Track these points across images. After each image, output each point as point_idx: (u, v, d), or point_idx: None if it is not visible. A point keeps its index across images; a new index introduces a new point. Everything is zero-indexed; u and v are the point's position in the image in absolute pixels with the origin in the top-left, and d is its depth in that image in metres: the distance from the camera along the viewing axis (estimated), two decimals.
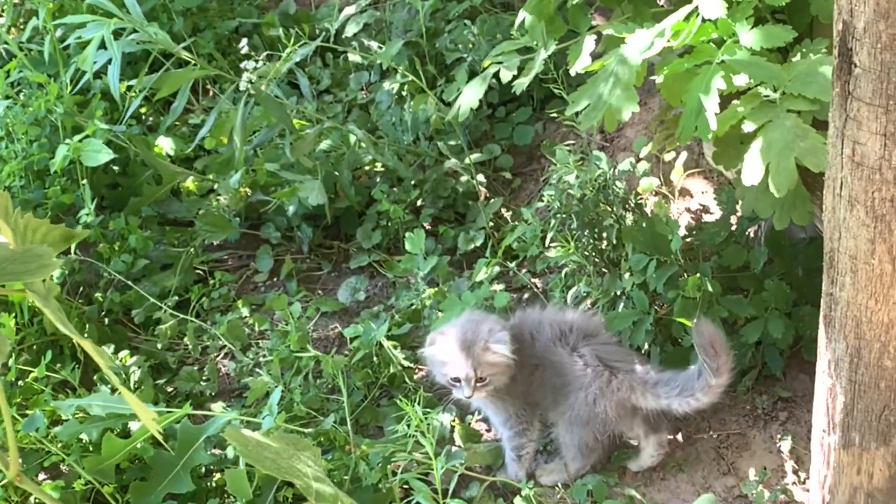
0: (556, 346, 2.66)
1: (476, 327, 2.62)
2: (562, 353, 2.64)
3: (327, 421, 2.77)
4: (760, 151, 2.20)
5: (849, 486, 2.15)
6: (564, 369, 2.63)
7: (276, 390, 2.79)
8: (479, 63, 3.67)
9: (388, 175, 3.73)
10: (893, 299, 1.88)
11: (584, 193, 2.81)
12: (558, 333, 2.67)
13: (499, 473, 2.75)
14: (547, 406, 2.68)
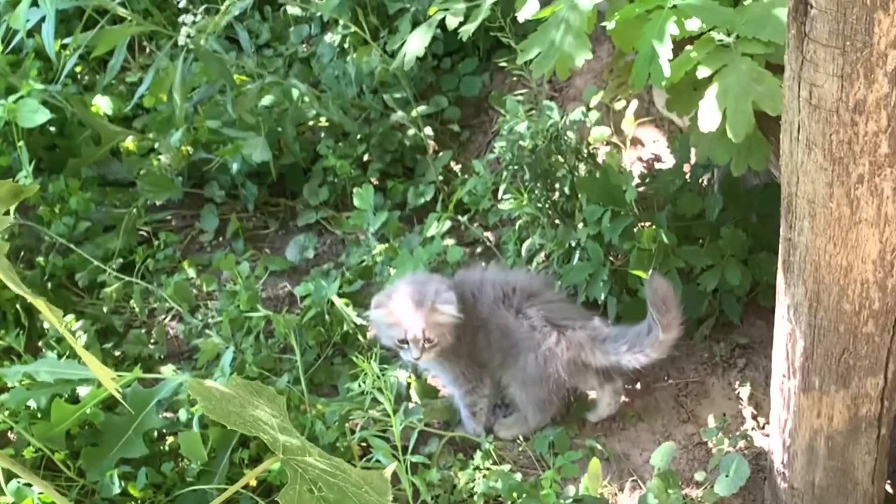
0: (500, 308, 2.66)
1: (422, 288, 2.61)
2: (506, 316, 2.64)
3: (281, 381, 2.76)
4: (717, 96, 2.20)
5: (809, 430, 2.18)
6: (510, 331, 2.63)
7: (227, 351, 2.78)
8: (423, 13, 3.64)
9: (333, 130, 3.70)
10: (851, 242, 1.89)
11: (535, 144, 2.80)
12: (500, 295, 2.67)
13: (457, 429, 2.76)
14: (496, 367, 2.69)
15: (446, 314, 2.58)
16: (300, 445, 1.21)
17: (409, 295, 2.60)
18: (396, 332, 2.59)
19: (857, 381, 2.07)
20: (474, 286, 2.70)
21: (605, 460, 2.61)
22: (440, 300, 2.58)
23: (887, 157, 1.80)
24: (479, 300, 2.67)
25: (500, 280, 2.70)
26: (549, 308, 2.63)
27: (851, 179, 1.83)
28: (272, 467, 2.47)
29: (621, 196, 2.70)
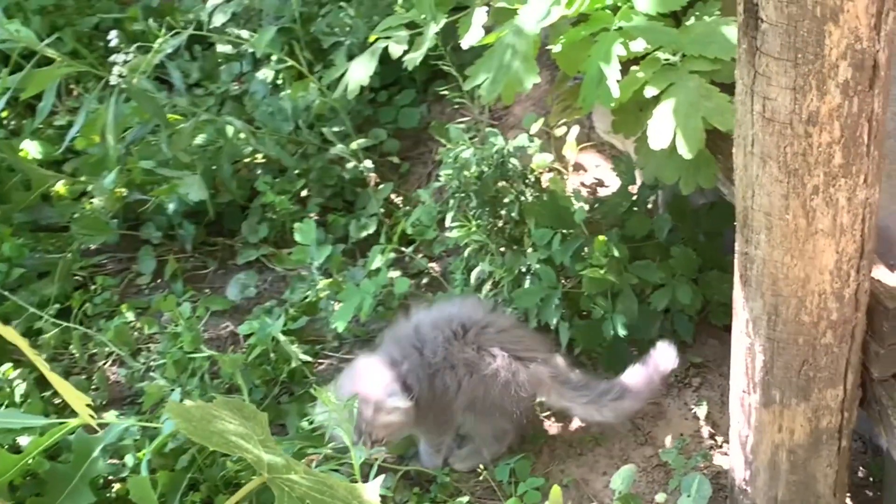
0: (453, 346, 2.61)
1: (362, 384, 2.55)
2: (463, 351, 2.60)
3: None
4: (667, 114, 2.24)
5: (770, 445, 2.20)
6: (470, 367, 2.61)
7: (174, 393, 2.74)
8: (359, 46, 3.66)
9: (270, 166, 3.69)
10: (808, 253, 1.93)
11: (482, 170, 2.82)
12: (450, 334, 2.62)
13: (411, 462, 2.75)
14: (464, 407, 2.66)
15: (394, 411, 2.54)
16: (285, 463, 1.19)
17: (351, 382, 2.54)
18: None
19: (817, 392, 2.10)
20: (417, 336, 2.64)
21: (564, 486, 2.61)
22: (386, 399, 2.53)
23: (841, 167, 1.84)
24: (427, 347, 2.62)
25: (444, 318, 2.66)
26: (507, 337, 2.62)
27: (807, 191, 1.86)
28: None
29: (570, 218, 2.72)
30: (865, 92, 1.78)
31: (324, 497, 1.16)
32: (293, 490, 1.15)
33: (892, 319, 2.09)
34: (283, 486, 1.15)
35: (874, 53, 1.74)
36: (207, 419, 1.17)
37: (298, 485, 1.16)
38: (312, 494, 1.15)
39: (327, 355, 3.12)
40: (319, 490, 1.17)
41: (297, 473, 1.19)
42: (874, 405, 2.18)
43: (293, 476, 1.17)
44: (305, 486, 1.17)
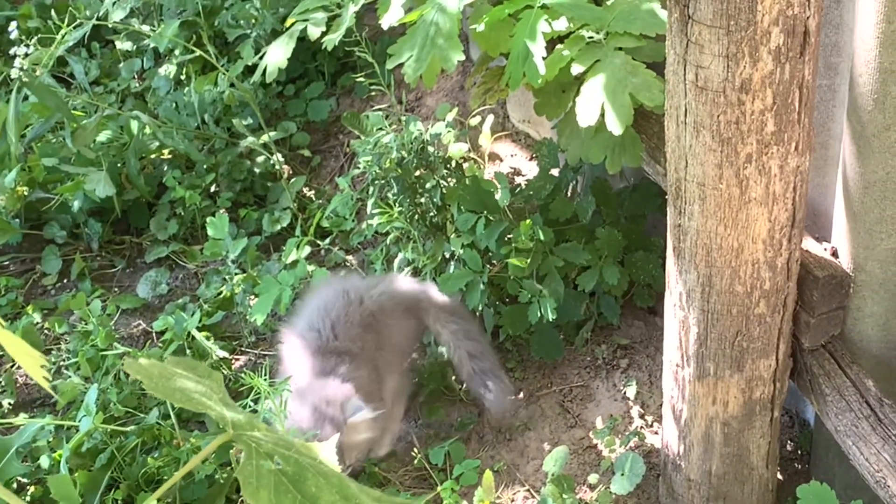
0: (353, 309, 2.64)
1: (324, 399, 2.47)
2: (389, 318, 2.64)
3: (150, 417, 2.68)
4: (596, 91, 2.25)
5: (704, 418, 2.23)
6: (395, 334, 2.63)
7: (90, 389, 2.68)
8: (265, 38, 3.64)
9: (178, 161, 3.64)
10: (742, 223, 1.95)
11: (402, 156, 2.81)
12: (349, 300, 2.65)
13: None
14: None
15: (363, 429, 2.48)
16: (248, 420, 1.17)
17: (311, 413, 2.45)
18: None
19: (750, 363, 2.13)
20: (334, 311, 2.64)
21: (495, 472, 2.61)
22: (351, 413, 2.45)
23: (773, 135, 1.86)
24: (341, 324, 2.63)
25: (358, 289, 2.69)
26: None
27: (740, 159, 1.89)
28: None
29: (493, 202, 2.73)
30: (797, 59, 1.81)
31: (291, 454, 1.14)
32: (260, 446, 1.12)
33: (821, 289, 2.13)
34: (249, 442, 1.12)
35: (805, 20, 1.78)
36: (167, 376, 1.14)
37: (265, 441, 1.14)
38: (280, 451, 1.13)
39: (245, 351, 3.08)
40: (284, 447, 1.15)
41: (261, 430, 1.17)
42: (805, 375, 2.21)
43: (257, 433, 1.15)
44: (272, 442, 1.14)
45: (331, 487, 1.13)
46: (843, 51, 2.13)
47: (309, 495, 1.11)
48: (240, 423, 1.15)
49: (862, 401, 2.12)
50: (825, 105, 2.22)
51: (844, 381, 2.16)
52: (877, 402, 2.10)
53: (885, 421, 2.06)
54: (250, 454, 1.11)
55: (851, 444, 2.08)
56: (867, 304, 2.19)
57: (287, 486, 1.11)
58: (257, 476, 1.10)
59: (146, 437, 2.65)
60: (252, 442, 1.12)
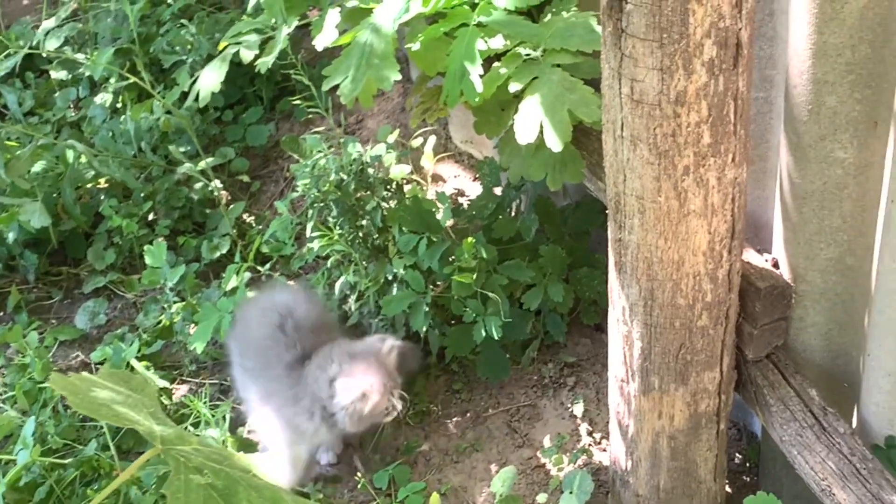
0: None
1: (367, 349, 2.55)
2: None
3: (88, 448, 2.67)
4: (533, 108, 2.28)
5: (651, 433, 2.25)
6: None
7: (28, 422, 2.66)
8: (201, 64, 3.64)
9: (115, 190, 3.63)
10: (682, 235, 1.98)
11: (341, 178, 2.82)
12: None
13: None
14: None
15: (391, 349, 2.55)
16: (178, 434, 1.17)
17: (367, 364, 2.51)
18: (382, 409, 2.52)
19: (695, 376, 2.16)
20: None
21: (442, 495, 2.62)
22: (385, 343, 2.55)
23: (710, 146, 1.89)
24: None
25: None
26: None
27: (678, 172, 1.91)
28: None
29: (435, 222, 2.74)
30: (730, 70, 1.84)
31: (222, 467, 1.14)
32: (190, 461, 1.13)
33: (763, 300, 2.16)
34: (178, 456, 1.13)
35: (737, 31, 1.81)
36: (94, 390, 1.14)
37: (195, 455, 1.14)
38: (210, 465, 1.13)
39: (185, 380, 3.07)
40: (216, 460, 1.15)
41: (192, 445, 1.17)
42: (749, 386, 2.25)
43: (187, 448, 1.15)
44: (202, 456, 1.15)
45: (263, 501, 1.13)
46: (778, 63, 2.17)
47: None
48: (169, 437, 1.15)
49: (806, 410, 2.15)
50: (763, 117, 2.26)
51: (788, 391, 2.20)
52: (820, 411, 2.13)
53: (829, 429, 2.10)
54: (179, 468, 1.11)
55: (797, 453, 2.11)
56: (809, 314, 2.23)
57: (217, 500, 1.11)
58: (185, 491, 1.10)
59: (85, 469, 2.63)
60: (181, 456, 1.13)
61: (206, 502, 1.11)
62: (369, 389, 2.47)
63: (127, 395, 1.17)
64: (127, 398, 1.16)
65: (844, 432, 2.09)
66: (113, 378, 1.20)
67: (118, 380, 1.20)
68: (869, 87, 1.95)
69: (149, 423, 1.14)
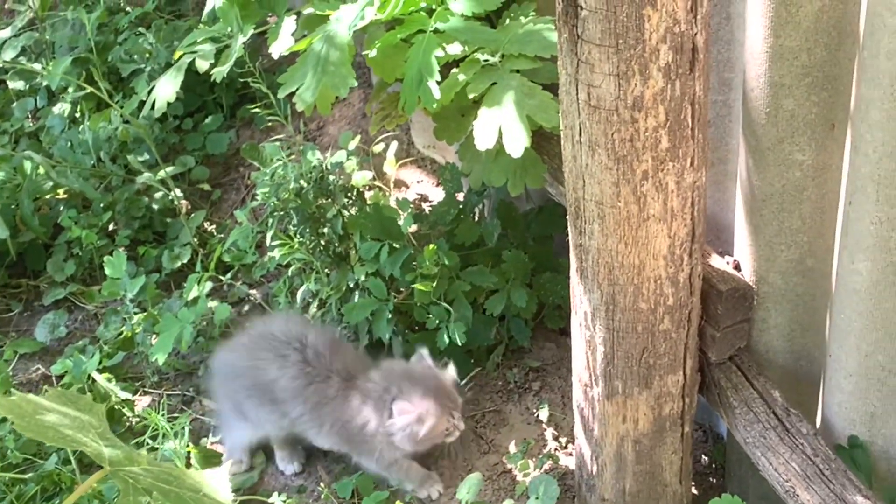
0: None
1: (422, 372, 2.57)
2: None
3: (49, 463, 2.66)
4: (492, 114, 2.28)
5: (616, 437, 2.27)
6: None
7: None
8: (160, 72, 3.63)
9: (74, 201, 3.61)
10: (642, 240, 1.99)
11: (300, 186, 2.81)
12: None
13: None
14: None
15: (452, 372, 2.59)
16: (127, 454, 1.17)
17: (424, 388, 2.54)
18: (442, 427, 2.54)
19: (658, 380, 2.17)
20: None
21: (407, 503, 2.62)
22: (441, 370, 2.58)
23: (668, 151, 1.90)
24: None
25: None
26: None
27: (637, 177, 1.93)
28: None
29: (397, 229, 2.75)
30: (686, 75, 1.85)
31: (171, 487, 1.14)
32: (138, 482, 1.12)
33: (725, 302, 2.18)
34: (126, 478, 1.12)
35: (692, 36, 1.82)
36: (40, 413, 1.14)
37: (143, 476, 1.14)
38: (159, 485, 1.13)
39: (148, 391, 3.06)
40: (166, 481, 1.15)
41: (140, 465, 1.17)
42: (713, 389, 2.26)
43: (136, 469, 1.15)
44: (151, 477, 1.14)
45: None
46: (735, 66, 2.19)
47: None
48: (117, 458, 1.15)
49: (769, 411, 2.17)
50: (722, 120, 2.28)
51: (751, 392, 2.22)
52: (783, 413, 2.15)
53: (792, 430, 2.12)
54: (127, 490, 1.11)
55: (760, 454, 2.13)
56: (771, 316, 2.25)
57: None
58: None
59: (46, 484, 2.63)
60: (129, 477, 1.12)
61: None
62: (425, 413, 2.51)
63: (74, 417, 1.17)
64: (74, 420, 1.16)
65: (808, 433, 2.11)
66: (60, 399, 1.19)
67: (65, 401, 1.20)
68: (825, 89, 1.97)
69: (96, 444, 1.14)
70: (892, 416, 2.08)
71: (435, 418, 2.51)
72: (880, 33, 1.72)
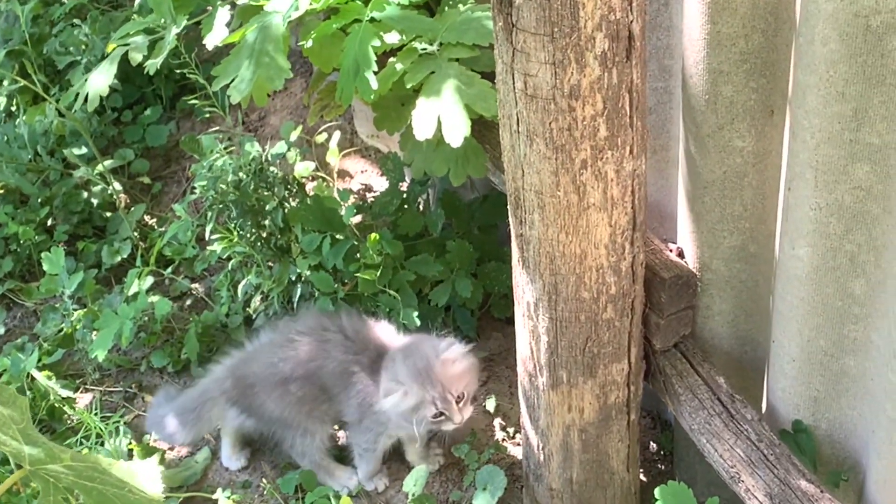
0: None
1: (419, 352, 2.49)
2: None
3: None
4: (430, 104, 2.28)
5: (561, 426, 2.27)
6: None
7: None
8: (96, 64, 3.59)
9: (10, 196, 3.57)
10: (583, 229, 1.99)
11: (239, 179, 2.80)
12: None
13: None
14: None
15: (459, 360, 2.48)
16: (49, 452, 1.15)
17: (413, 367, 2.46)
18: (426, 411, 2.46)
19: (602, 368, 2.18)
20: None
21: (354, 497, 2.62)
22: (444, 351, 2.47)
23: (607, 139, 1.91)
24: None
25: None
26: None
27: (575, 166, 1.92)
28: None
29: (338, 220, 2.74)
30: (623, 63, 1.85)
31: (94, 485, 1.12)
32: (59, 481, 1.11)
33: (668, 290, 2.19)
34: (47, 477, 1.11)
35: (628, 24, 1.82)
36: None
37: (65, 474, 1.12)
38: (81, 483, 1.12)
39: (89, 388, 3.04)
40: (89, 477, 1.13)
41: (63, 462, 1.15)
42: (658, 376, 2.28)
43: (58, 466, 1.13)
44: (73, 474, 1.13)
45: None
46: (675, 53, 2.20)
47: None
48: (37, 457, 1.13)
49: (714, 398, 2.19)
50: (662, 107, 2.29)
51: (696, 379, 2.23)
52: (728, 399, 2.17)
53: (736, 417, 2.13)
54: (47, 490, 1.10)
55: (706, 441, 2.15)
56: (715, 303, 2.27)
57: None
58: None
59: None
60: (50, 477, 1.11)
61: None
62: (407, 392, 2.45)
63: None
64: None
65: (752, 419, 2.13)
66: None
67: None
68: (763, 76, 1.98)
69: (16, 442, 1.12)
70: (835, 400, 2.10)
71: (415, 399, 2.44)
72: (815, 19, 1.73)
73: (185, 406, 2.74)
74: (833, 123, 1.78)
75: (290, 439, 2.64)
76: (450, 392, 2.44)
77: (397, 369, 2.47)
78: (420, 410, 2.45)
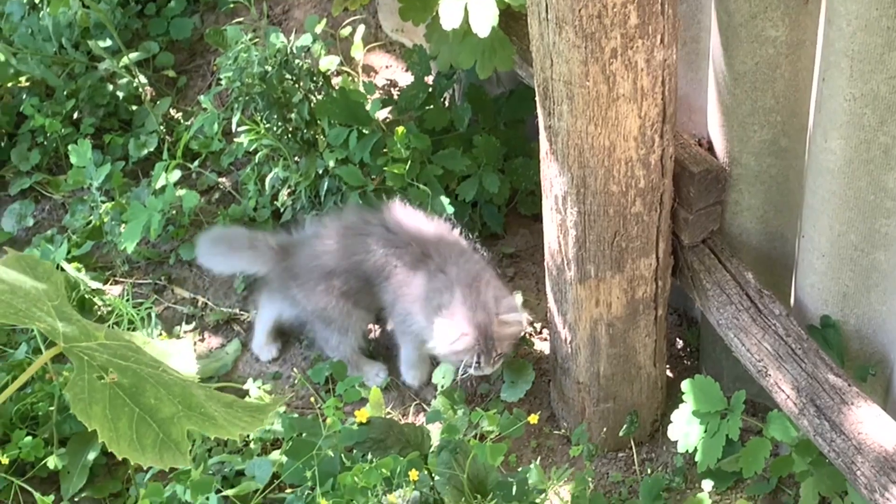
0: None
1: (481, 302, 2.47)
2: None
3: (19, 352, 2.66)
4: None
5: (589, 320, 2.27)
6: None
7: None
8: None
9: (36, 89, 3.56)
10: (612, 121, 1.97)
11: (265, 70, 2.77)
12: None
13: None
14: None
15: (514, 324, 2.49)
16: (83, 329, 1.14)
17: (473, 319, 2.45)
18: (469, 357, 2.47)
19: (630, 263, 2.17)
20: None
21: (384, 389, 2.64)
22: (503, 310, 2.47)
23: (637, 28, 1.87)
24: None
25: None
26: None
27: (605, 55, 1.90)
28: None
29: (364, 113, 2.72)
30: None
31: (129, 364, 1.12)
32: (94, 359, 1.10)
33: (697, 184, 2.17)
34: (81, 354, 1.11)
35: None
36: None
37: (100, 353, 1.12)
38: (115, 361, 1.11)
39: (119, 280, 3.05)
40: (123, 356, 1.13)
41: (98, 340, 1.15)
42: (686, 272, 2.27)
43: (93, 344, 1.13)
44: (108, 353, 1.12)
45: (172, 398, 1.11)
46: None
47: (148, 407, 1.10)
48: (72, 334, 1.12)
49: (742, 293, 2.18)
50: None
51: (724, 275, 2.22)
52: (756, 294, 2.16)
53: (764, 312, 2.12)
54: (82, 368, 1.09)
55: (733, 336, 2.14)
56: (744, 198, 2.24)
57: (123, 399, 1.09)
58: (89, 391, 1.08)
59: (17, 373, 2.62)
60: (84, 355, 1.10)
61: (112, 402, 1.09)
62: (462, 337, 2.45)
63: (29, 289, 1.14)
64: (28, 292, 1.13)
65: (780, 314, 2.12)
66: (17, 265, 1.16)
67: (23, 267, 1.16)
68: None
69: (51, 319, 1.11)
70: (864, 296, 2.09)
71: (463, 346, 2.45)
72: None
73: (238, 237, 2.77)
74: (871, 9, 1.74)
75: (327, 333, 2.65)
76: (496, 350, 2.45)
77: (456, 309, 2.45)
78: (460, 354, 2.47)
